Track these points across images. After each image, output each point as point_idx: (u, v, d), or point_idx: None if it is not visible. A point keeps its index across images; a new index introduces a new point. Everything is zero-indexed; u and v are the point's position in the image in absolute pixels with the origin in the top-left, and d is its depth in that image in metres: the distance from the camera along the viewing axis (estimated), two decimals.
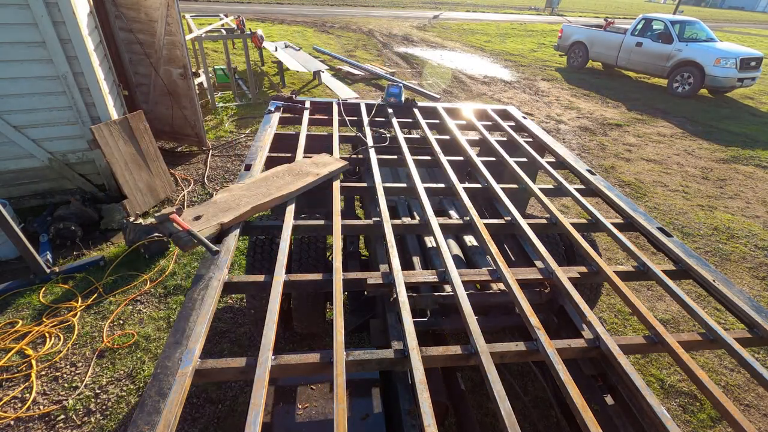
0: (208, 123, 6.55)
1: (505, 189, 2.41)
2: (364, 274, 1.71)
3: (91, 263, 3.51)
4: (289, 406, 1.44)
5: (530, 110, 8.90)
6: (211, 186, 4.91)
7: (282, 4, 23.82)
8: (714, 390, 1.27)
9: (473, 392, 2.73)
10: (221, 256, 1.63)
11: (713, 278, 1.76)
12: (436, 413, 1.18)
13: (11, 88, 3.67)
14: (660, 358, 3.15)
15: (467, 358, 1.39)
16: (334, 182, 2.25)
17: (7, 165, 3.92)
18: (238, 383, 2.70)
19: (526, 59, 14.29)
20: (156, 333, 3.00)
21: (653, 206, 5.43)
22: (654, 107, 9.86)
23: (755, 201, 5.81)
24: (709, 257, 4.47)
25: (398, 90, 3.56)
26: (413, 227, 2.08)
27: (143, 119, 4.41)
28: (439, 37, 17.21)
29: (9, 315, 3.03)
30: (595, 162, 6.64)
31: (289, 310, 2.66)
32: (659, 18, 11.13)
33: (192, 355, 1.22)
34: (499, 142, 3.05)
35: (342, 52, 12.19)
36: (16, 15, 3.44)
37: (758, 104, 10.89)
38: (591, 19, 25.26)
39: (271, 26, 15.57)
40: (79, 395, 2.55)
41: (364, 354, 1.34)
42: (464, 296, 1.56)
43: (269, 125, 2.93)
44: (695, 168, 6.74)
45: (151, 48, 4.92)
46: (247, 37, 7.56)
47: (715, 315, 3.62)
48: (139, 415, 1.08)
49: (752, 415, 2.82)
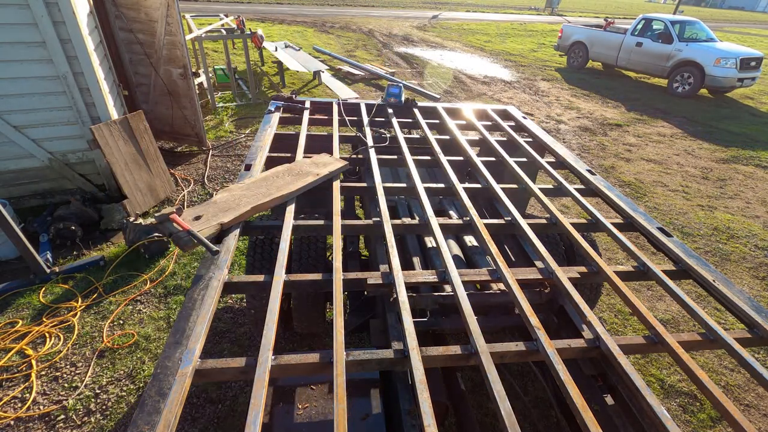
0: (208, 123, 6.55)
1: (505, 189, 2.41)
2: (364, 274, 1.71)
3: (91, 263, 3.51)
4: (289, 406, 1.44)
5: (530, 110, 8.90)
6: (211, 186, 4.91)
7: (282, 4, 23.82)
8: (714, 390, 1.27)
9: (473, 392, 2.73)
10: (221, 256, 1.63)
11: (713, 278, 1.76)
12: (436, 413, 1.18)
13: (11, 88, 3.67)
14: (660, 358, 3.15)
15: (467, 358, 1.39)
16: (334, 182, 2.25)
17: (7, 165, 3.92)
18: (238, 383, 2.70)
19: (526, 59, 14.29)
20: (156, 333, 3.00)
21: (653, 206, 5.43)
22: (654, 107, 9.86)
23: (755, 201, 5.81)
24: (709, 257, 4.47)
25: (398, 90, 3.56)
26: (413, 227, 2.08)
27: (143, 119, 4.41)
28: (439, 37, 17.21)
29: (9, 315, 3.03)
30: (595, 162, 6.65)
31: (289, 310, 2.66)
32: (659, 18, 11.13)
33: (192, 355, 1.22)
34: (499, 142, 3.04)
35: (342, 52, 12.19)
36: (16, 15, 3.44)
37: (758, 104, 10.89)
38: (591, 19, 25.27)
39: (271, 26, 15.58)
40: (79, 395, 2.55)
41: (364, 354, 1.34)
42: (464, 296, 1.56)
43: (269, 125, 2.92)
44: (695, 168, 6.74)
45: (151, 48, 4.92)
46: (247, 37, 7.56)
47: (715, 315, 3.62)
48: (139, 415, 1.08)
49: (752, 415, 2.82)
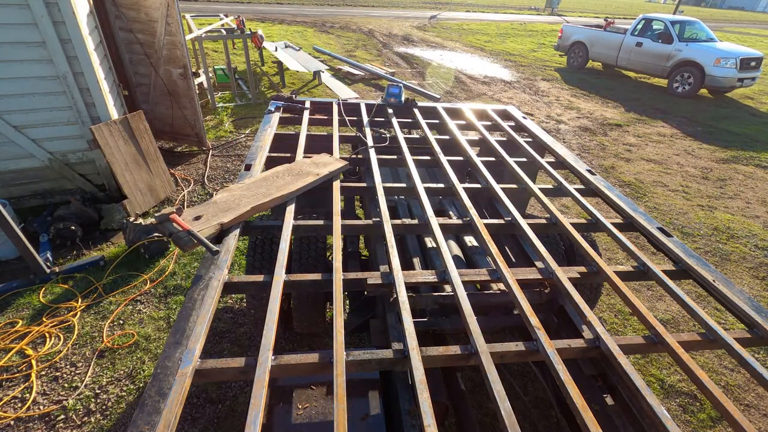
0: (208, 123, 6.55)
1: (505, 189, 2.41)
2: (364, 274, 1.71)
3: (91, 263, 3.51)
4: (289, 406, 1.44)
5: (530, 110, 8.90)
6: (211, 186, 4.91)
7: (282, 4, 23.82)
8: (714, 390, 1.27)
9: (473, 392, 2.73)
10: (221, 256, 1.63)
11: (713, 278, 1.76)
12: (436, 413, 1.18)
13: (11, 88, 3.67)
14: (660, 358, 3.15)
15: (467, 358, 1.38)
16: (334, 182, 2.24)
17: (7, 165, 3.92)
18: (238, 383, 2.70)
19: (526, 59, 14.29)
20: (156, 333, 3.00)
21: (653, 206, 5.43)
22: (654, 107, 9.86)
23: (755, 201, 5.81)
24: (709, 257, 4.47)
25: (398, 90, 3.56)
26: (413, 227, 2.08)
27: (143, 119, 4.41)
28: (439, 37, 17.21)
29: (9, 315, 3.03)
30: (595, 162, 6.64)
31: (289, 310, 2.66)
32: (659, 18, 11.13)
33: (192, 355, 1.22)
34: (499, 142, 3.04)
35: (342, 52, 12.19)
36: (16, 15, 3.44)
37: (758, 104, 10.89)
38: (591, 19, 25.27)
39: (272, 26, 15.57)
40: (79, 395, 2.55)
41: (364, 354, 1.34)
42: (464, 296, 1.56)
43: (269, 125, 2.92)
44: (695, 168, 6.74)
45: (151, 48, 4.92)
46: (247, 37, 7.56)
47: (715, 315, 3.62)
48: (139, 415, 1.08)
49: (752, 415, 2.82)
